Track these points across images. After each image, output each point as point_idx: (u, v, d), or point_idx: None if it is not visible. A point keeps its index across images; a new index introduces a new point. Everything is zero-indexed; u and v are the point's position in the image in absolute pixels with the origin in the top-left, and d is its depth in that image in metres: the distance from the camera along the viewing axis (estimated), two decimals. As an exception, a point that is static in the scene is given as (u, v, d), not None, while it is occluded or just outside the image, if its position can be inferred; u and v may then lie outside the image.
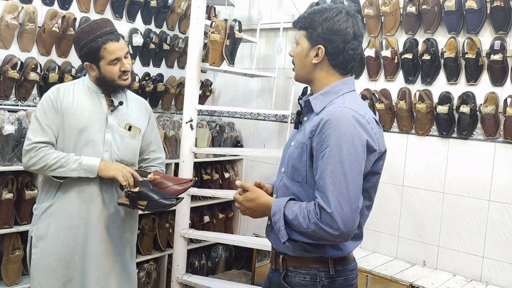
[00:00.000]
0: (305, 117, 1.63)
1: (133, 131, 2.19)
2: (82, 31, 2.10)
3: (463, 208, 3.01)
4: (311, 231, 1.44)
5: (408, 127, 3.22)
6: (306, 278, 1.55)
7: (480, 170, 2.94)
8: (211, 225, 3.94)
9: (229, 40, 3.19)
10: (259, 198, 1.58)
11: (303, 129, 1.59)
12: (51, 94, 2.10)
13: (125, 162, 2.16)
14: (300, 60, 1.59)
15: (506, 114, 2.76)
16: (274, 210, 1.52)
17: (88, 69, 2.13)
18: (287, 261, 1.59)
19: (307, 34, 1.57)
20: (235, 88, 4.26)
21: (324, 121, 1.47)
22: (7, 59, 2.96)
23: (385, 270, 2.99)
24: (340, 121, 1.45)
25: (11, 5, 2.94)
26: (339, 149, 1.43)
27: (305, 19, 1.58)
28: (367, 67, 3.39)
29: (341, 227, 1.41)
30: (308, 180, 1.54)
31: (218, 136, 3.87)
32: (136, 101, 2.29)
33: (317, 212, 1.44)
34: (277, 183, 1.68)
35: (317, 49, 1.55)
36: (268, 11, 3.85)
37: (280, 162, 1.73)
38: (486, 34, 2.91)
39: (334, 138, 1.44)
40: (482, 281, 2.92)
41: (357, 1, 3.39)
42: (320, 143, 1.47)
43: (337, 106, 1.49)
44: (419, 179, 3.20)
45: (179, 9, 3.87)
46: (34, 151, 2.02)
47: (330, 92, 1.57)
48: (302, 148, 1.54)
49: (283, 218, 1.49)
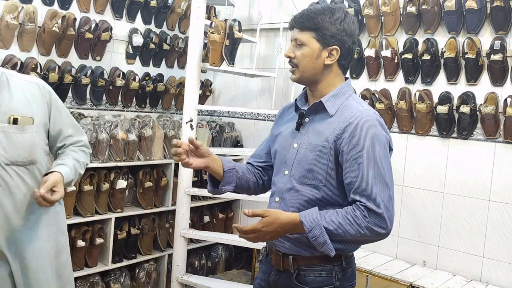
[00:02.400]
0: (306, 118, 1.63)
1: (20, 123, 1.74)
2: None
3: (463, 208, 3.01)
4: (360, 235, 1.46)
5: (408, 127, 3.22)
6: (322, 274, 1.57)
7: (480, 170, 2.94)
8: (211, 225, 3.94)
9: (228, 40, 3.19)
10: (279, 219, 1.49)
11: (314, 132, 1.58)
12: None
13: (19, 163, 1.75)
14: (310, 61, 1.57)
15: (506, 114, 2.76)
16: (309, 225, 1.46)
17: None
18: (298, 261, 1.59)
19: (317, 35, 1.55)
20: (235, 88, 4.26)
21: (353, 125, 1.50)
22: (7, 59, 2.96)
23: (385, 270, 2.99)
24: (369, 124, 1.50)
25: (11, 5, 2.94)
26: (375, 152, 1.48)
27: (313, 19, 1.55)
28: (367, 67, 3.39)
29: (389, 226, 1.47)
30: (327, 182, 1.54)
31: (218, 136, 3.87)
32: (25, 85, 1.82)
33: (366, 216, 1.45)
34: (279, 186, 1.64)
35: (331, 50, 1.56)
36: (268, 11, 3.85)
37: (277, 163, 1.69)
38: (486, 34, 2.91)
39: (368, 141, 1.48)
40: (482, 281, 2.92)
41: (357, 1, 3.39)
42: (351, 146, 1.49)
43: (360, 110, 1.53)
44: (419, 179, 3.20)
45: (179, 9, 3.87)
46: None
47: (339, 94, 1.59)
48: (320, 151, 1.54)
49: (326, 232, 1.46)
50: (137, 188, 3.38)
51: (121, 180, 3.19)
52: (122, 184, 3.19)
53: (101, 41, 3.39)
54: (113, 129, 3.13)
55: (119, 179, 3.19)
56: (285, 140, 1.67)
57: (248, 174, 1.77)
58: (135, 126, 3.30)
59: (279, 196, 1.63)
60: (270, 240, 1.55)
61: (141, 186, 3.36)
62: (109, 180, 3.15)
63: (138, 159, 3.29)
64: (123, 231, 3.24)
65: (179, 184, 3.23)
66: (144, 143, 3.30)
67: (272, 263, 1.66)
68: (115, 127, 3.14)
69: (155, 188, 3.43)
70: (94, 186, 3.05)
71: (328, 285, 1.58)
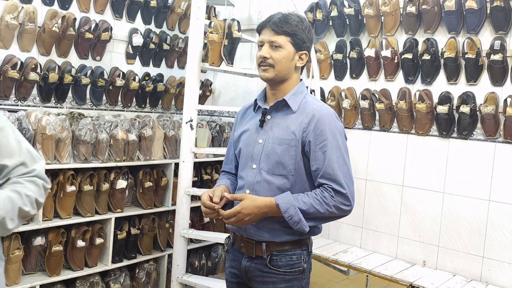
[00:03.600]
0: (268, 116, 1.80)
1: None
2: None
3: (463, 208, 3.01)
4: (329, 213, 1.67)
5: (408, 127, 3.22)
6: (293, 258, 1.76)
7: (480, 170, 2.94)
8: (211, 225, 3.94)
9: (227, 40, 3.18)
10: (256, 201, 1.69)
11: (279, 127, 1.76)
12: None
13: None
14: (286, 63, 1.76)
15: (506, 114, 2.77)
16: (285, 206, 1.66)
17: None
18: (271, 247, 1.75)
19: (292, 40, 1.74)
20: (235, 88, 4.26)
21: (316, 118, 1.71)
22: (7, 59, 2.96)
23: (385, 270, 2.99)
24: (329, 117, 1.72)
25: (11, 5, 2.94)
26: (336, 140, 1.70)
27: (290, 25, 1.74)
28: (367, 67, 3.39)
29: (352, 203, 1.70)
30: (296, 171, 1.73)
31: (218, 136, 3.87)
32: None
33: (332, 196, 1.67)
34: (250, 179, 1.78)
35: (301, 54, 1.78)
36: (268, 11, 3.84)
37: (242, 159, 1.83)
38: (486, 34, 2.91)
39: (329, 131, 1.70)
40: (482, 281, 2.92)
41: (357, 1, 3.39)
42: (316, 137, 1.70)
43: (319, 105, 1.76)
44: (419, 179, 3.19)
45: (179, 9, 3.87)
46: None
47: (298, 92, 1.80)
48: (288, 144, 1.73)
49: (300, 211, 1.66)
50: (137, 188, 3.38)
51: (121, 180, 3.18)
52: (122, 184, 3.19)
53: (101, 41, 3.39)
54: (113, 129, 3.12)
55: (119, 179, 3.19)
56: (249, 137, 1.84)
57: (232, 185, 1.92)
58: (135, 126, 3.30)
59: (249, 189, 1.78)
60: (249, 222, 1.70)
61: (141, 186, 3.36)
62: (109, 180, 3.14)
63: (138, 159, 3.29)
64: (123, 231, 3.24)
65: (179, 184, 3.23)
66: (144, 143, 3.30)
67: (242, 250, 1.82)
68: (115, 127, 3.14)
69: (155, 188, 3.43)
70: (94, 186, 3.05)
71: (298, 267, 1.77)
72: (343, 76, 3.56)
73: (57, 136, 2.89)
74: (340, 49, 3.53)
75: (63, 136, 2.92)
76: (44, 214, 2.88)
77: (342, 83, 3.55)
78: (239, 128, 1.93)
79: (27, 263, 2.92)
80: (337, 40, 3.55)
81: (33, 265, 2.95)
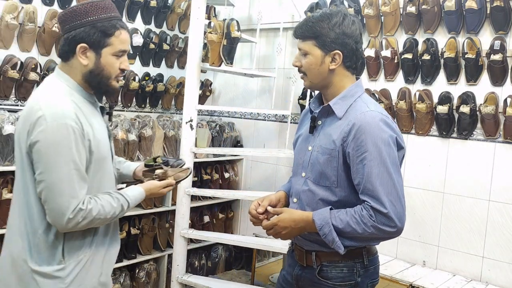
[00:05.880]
0: (319, 121, 1.69)
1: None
2: (92, 3, 1.60)
3: (463, 208, 3.01)
4: (368, 234, 1.53)
5: (408, 127, 3.22)
6: (343, 270, 1.64)
7: (480, 170, 2.94)
8: (211, 225, 3.94)
9: (226, 40, 3.19)
10: (293, 214, 1.63)
11: (324, 134, 1.65)
12: (73, 122, 1.51)
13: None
14: (315, 69, 1.63)
15: (506, 114, 2.76)
16: (320, 223, 1.56)
17: (79, 54, 1.59)
18: (321, 257, 1.66)
19: (318, 42, 1.60)
20: (235, 88, 4.26)
21: (357, 126, 1.55)
22: (7, 59, 2.96)
23: (385, 270, 2.98)
24: (372, 125, 1.54)
25: (11, 5, 2.93)
26: (379, 152, 1.53)
27: (311, 28, 1.60)
28: (367, 67, 3.39)
29: (398, 224, 1.52)
30: (339, 183, 1.61)
31: (218, 136, 3.87)
32: None
33: (371, 215, 1.52)
34: (297, 187, 1.71)
35: (333, 55, 1.61)
36: (268, 11, 3.84)
37: (295, 166, 1.77)
38: (486, 34, 2.91)
39: (371, 142, 1.53)
40: (482, 281, 2.92)
41: (357, 1, 3.39)
42: (356, 148, 1.55)
43: (364, 111, 1.58)
44: (419, 179, 3.19)
45: (179, 9, 3.87)
46: (83, 215, 1.51)
47: (347, 95, 1.64)
48: (330, 154, 1.60)
49: (334, 229, 1.55)
50: (137, 188, 3.38)
51: (121, 180, 3.19)
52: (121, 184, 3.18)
53: (101, 41, 3.38)
54: (113, 129, 3.12)
55: (119, 179, 3.19)
56: (301, 143, 1.76)
57: None
58: (135, 126, 3.30)
59: (296, 197, 1.72)
60: (288, 236, 1.64)
61: (141, 186, 3.36)
62: (109, 180, 3.14)
63: (138, 159, 3.29)
64: (123, 231, 3.24)
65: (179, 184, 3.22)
66: (144, 143, 3.30)
67: (296, 258, 1.75)
68: (115, 127, 3.14)
69: (155, 188, 3.43)
70: (94, 186, 3.04)
71: (349, 281, 1.64)
72: (343, 76, 3.55)
73: (57, 136, 2.88)
74: (340, 49, 3.53)
75: (63, 136, 2.92)
76: (44, 214, 2.88)
77: (342, 83, 3.55)
78: (298, 132, 1.83)
79: None
80: (337, 40, 3.55)
81: (33, 265, 2.95)
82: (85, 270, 1.61)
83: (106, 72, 1.62)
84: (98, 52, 1.59)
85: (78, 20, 1.59)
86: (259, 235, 3.62)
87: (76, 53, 1.59)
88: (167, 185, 1.77)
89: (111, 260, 1.75)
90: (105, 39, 1.59)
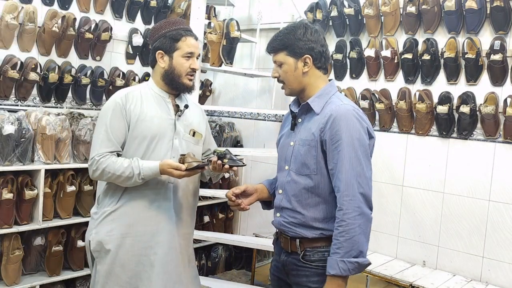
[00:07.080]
0: (299, 119, 1.88)
1: (196, 136, 2.18)
2: (166, 21, 2.14)
3: (463, 208, 3.01)
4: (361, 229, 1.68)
5: (408, 127, 3.22)
6: (325, 255, 1.77)
7: (480, 170, 2.94)
8: (211, 225, 3.94)
9: (225, 40, 3.19)
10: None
11: (304, 129, 1.83)
12: (119, 100, 2.03)
13: None
14: (291, 75, 1.84)
15: (506, 114, 2.76)
16: (337, 270, 1.68)
17: (159, 59, 2.09)
18: (305, 243, 1.81)
19: (289, 52, 1.81)
20: (235, 88, 4.26)
21: (333, 117, 1.74)
22: (7, 59, 2.96)
23: (385, 270, 2.99)
24: (346, 117, 1.73)
25: (11, 5, 2.94)
26: (351, 140, 1.71)
27: (281, 41, 1.82)
28: (367, 67, 3.39)
29: (369, 204, 1.72)
30: (318, 171, 1.78)
31: (218, 136, 3.87)
32: (194, 105, 2.27)
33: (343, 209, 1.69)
34: (282, 179, 1.89)
35: (304, 59, 1.82)
36: (268, 11, 3.85)
37: (279, 161, 1.95)
38: (486, 34, 2.91)
39: (345, 130, 1.71)
40: (482, 281, 2.92)
41: (357, 1, 3.39)
42: (331, 136, 1.73)
43: (338, 104, 1.78)
44: (419, 179, 3.20)
45: (179, 9, 3.87)
46: (95, 164, 1.97)
47: (323, 94, 1.84)
48: (309, 144, 1.78)
49: (348, 260, 1.68)
50: (137, 188, 3.39)
51: (121, 180, 3.19)
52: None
53: (101, 41, 3.39)
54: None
55: (119, 179, 3.19)
56: (284, 140, 1.94)
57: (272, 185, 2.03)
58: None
59: (282, 189, 1.88)
60: None
61: (141, 186, 3.36)
62: (109, 180, 3.16)
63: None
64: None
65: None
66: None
67: (282, 245, 1.90)
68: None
69: (155, 188, 3.44)
70: (94, 186, 3.05)
71: None
72: (343, 76, 3.56)
73: (57, 136, 2.89)
74: (340, 49, 3.53)
75: (63, 136, 2.92)
76: (44, 214, 2.88)
77: (342, 83, 3.55)
78: (281, 131, 2.01)
79: (27, 263, 2.92)
80: (337, 40, 3.55)
81: (33, 265, 2.96)
82: (105, 222, 2.05)
83: (177, 71, 2.07)
84: (171, 55, 2.08)
85: (156, 34, 2.12)
86: (259, 235, 3.63)
87: (157, 60, 2.10)
88: (176, 168, 1.94)
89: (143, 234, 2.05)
90: (174, 44, 2.07)
